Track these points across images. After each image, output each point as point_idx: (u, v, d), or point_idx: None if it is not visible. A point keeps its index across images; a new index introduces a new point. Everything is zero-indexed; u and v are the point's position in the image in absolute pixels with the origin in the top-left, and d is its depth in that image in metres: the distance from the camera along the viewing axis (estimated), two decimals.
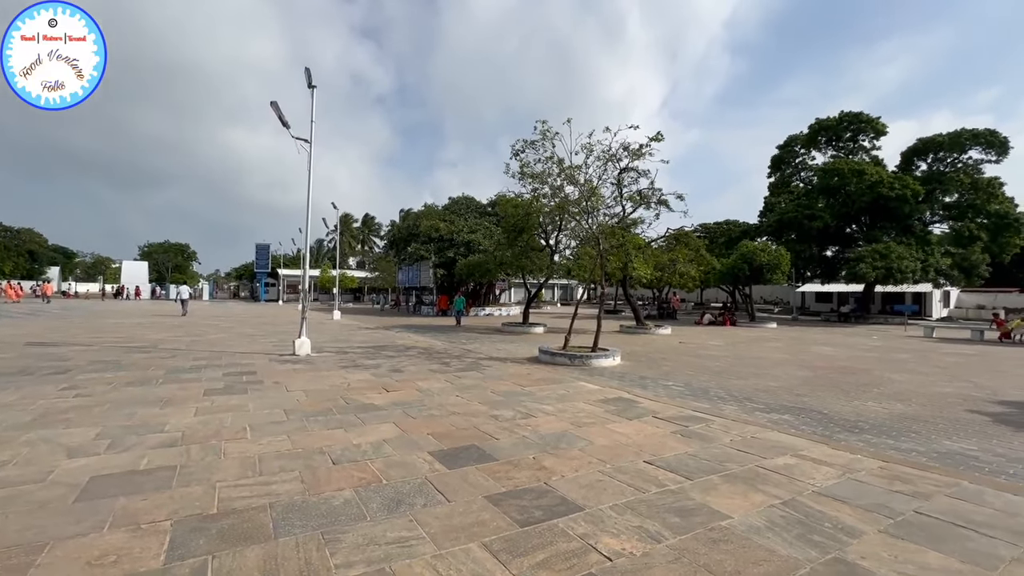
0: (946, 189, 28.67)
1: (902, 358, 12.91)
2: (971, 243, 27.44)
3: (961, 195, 28.62)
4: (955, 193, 28.74)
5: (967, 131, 28.61)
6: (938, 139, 29.59)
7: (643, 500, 3.53)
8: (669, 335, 18.78)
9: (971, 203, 28.21)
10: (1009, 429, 6.02)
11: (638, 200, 16.70)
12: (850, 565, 2.72)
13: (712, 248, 30.07)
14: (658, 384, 8.53)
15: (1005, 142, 27.82)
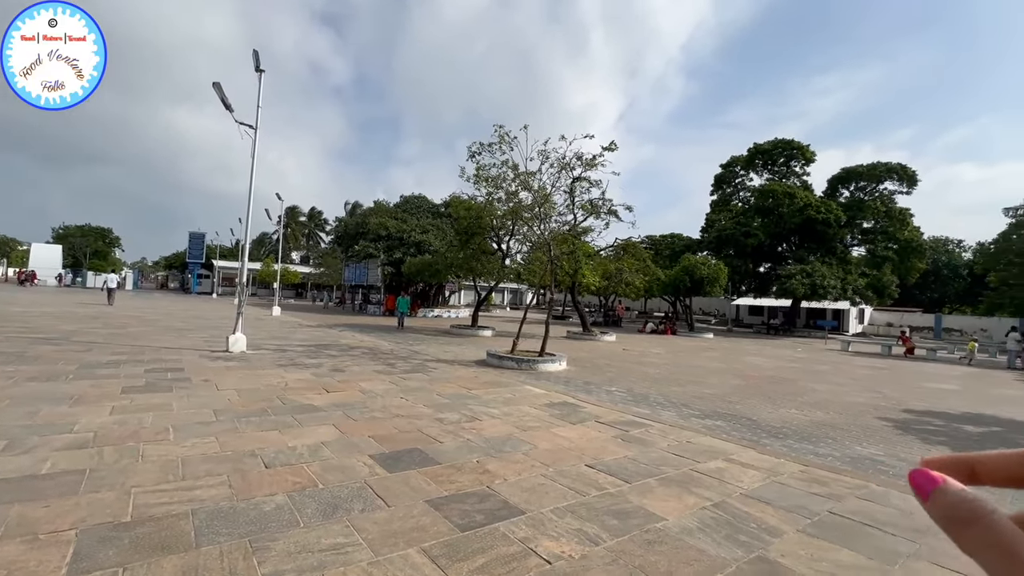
0: (864, 215, 31.37)
1: (822, 369, 13.95)
2: (883, 265, 30.17)
3: (876, 222, 31.41)
4: (872, 219, 31.50)
5: (882, 164, 31.48)
6: (859, 169, 32.35)
7: (583, 503, 3.59)
8: (614, 342, 19.32)
9: (884, 229, 31.02)
10: (911, 436, 6.64)
11: (589, 209, 17.13)
12: (771, 563, 2.89)
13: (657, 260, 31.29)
14: (602, 389, 8.74)
15: (914, 176, 30.84)
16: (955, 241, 46.58)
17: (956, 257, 44.04)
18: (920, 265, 31.59)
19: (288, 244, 67.48)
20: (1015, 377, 14.96)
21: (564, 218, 17.49)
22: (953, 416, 8.18)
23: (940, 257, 42.15)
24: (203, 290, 51.22)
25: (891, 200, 31.40)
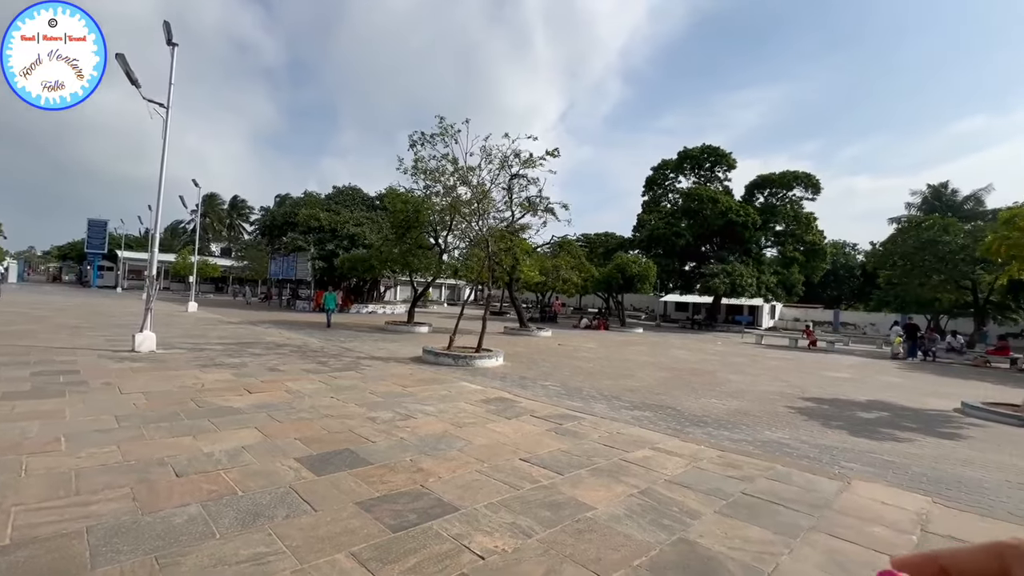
0: (776, 219, 34.12)
1: (738, 361, 15.04)
2: (792, 266, 33.01)
3: (787, 225, 34.26)
4: (783, 223, 34.32)
5: (792, 172, 34.35)
6: (772, 177, 35.10)
7: (517, 497, 3.63)
8: (550, 337, 19.71)
9: (793, 232, 33.91)
10: (813, 421, 7.32)
11: (527, 206, 17.31)
12: (691, 543, 3.08)
13: (592, 257, 32.30)
14: (537, 384, 8.89)
15: (818, 184, 33.92)
16: (851, 244, 51.89)
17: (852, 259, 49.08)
18: (823, 265, 34.88)
19: (208, 235, 62.62)
20: (897, 366, 16.95)
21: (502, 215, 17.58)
22: (848, 403, 9.12)
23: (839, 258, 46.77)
24: (105, 284, 46.43)
25: (799, 206, 34.36)
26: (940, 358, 19.68)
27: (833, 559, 3.00)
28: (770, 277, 31.14)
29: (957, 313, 25.25)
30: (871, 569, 2.91)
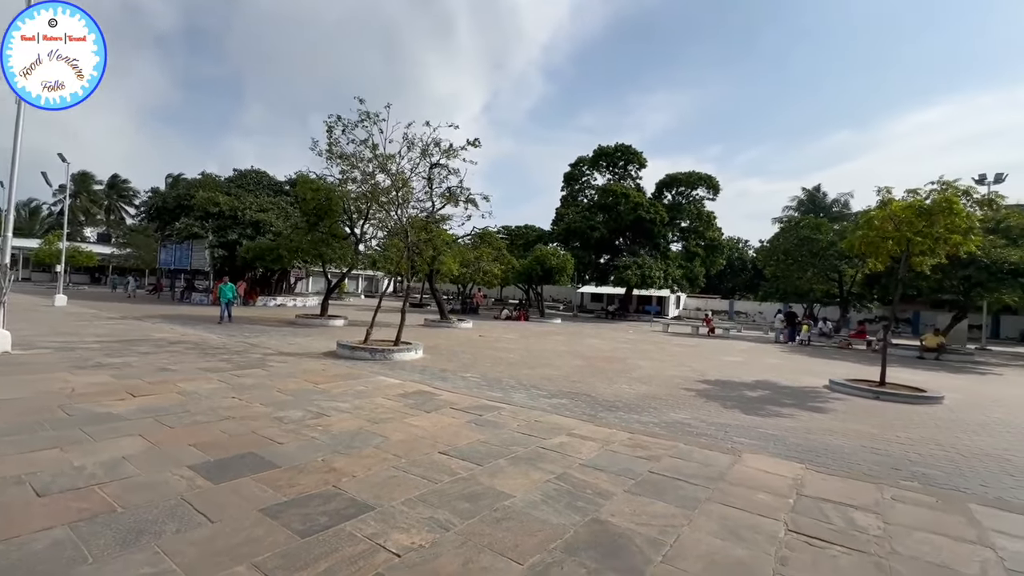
0: (682, 216, 36.76)
1: (647, 349, 16.07)
2: (695, 259, 35.80)
3: (691, 222, 37.04)
4: (687, 220, 37.05)
5: (696, 173, 37.16)
6: (679, 176, 37.72)
7: (435, 491, 3.59)
8: (471, 329, 19.71)
9: (696, 229, 36.75)
10: (712, 402, 8.01)
11: (448, 197, 17.09)
12: (603, 523, 3.24)
13: (512, 249, 32.67)
14: (457, 376, 8.85)
15: (718, 185, 37.02)
16: (744, 241, 57.41)
17: (744, 254, 54.30)
18: (721, 260, 38.23)
19: (81, 219, 54.83)
20: (780, 349, 19.07)
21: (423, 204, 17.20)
22: (739, 383, 10.09)
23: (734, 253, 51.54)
24: None
25: (702, 204, 37.29)
26: (813, 342, 22.42)
27: (725, 525, 3.31)
28: (676, 270, 33.52)
29: (827, 302, 28.87)
30: (756, 531, 3.25)
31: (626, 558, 2.81)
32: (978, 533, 3.45)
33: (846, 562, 2.93)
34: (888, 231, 9.77)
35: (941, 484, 4.57)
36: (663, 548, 2.94)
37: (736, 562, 2.84)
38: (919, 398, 8.86)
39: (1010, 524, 3.64)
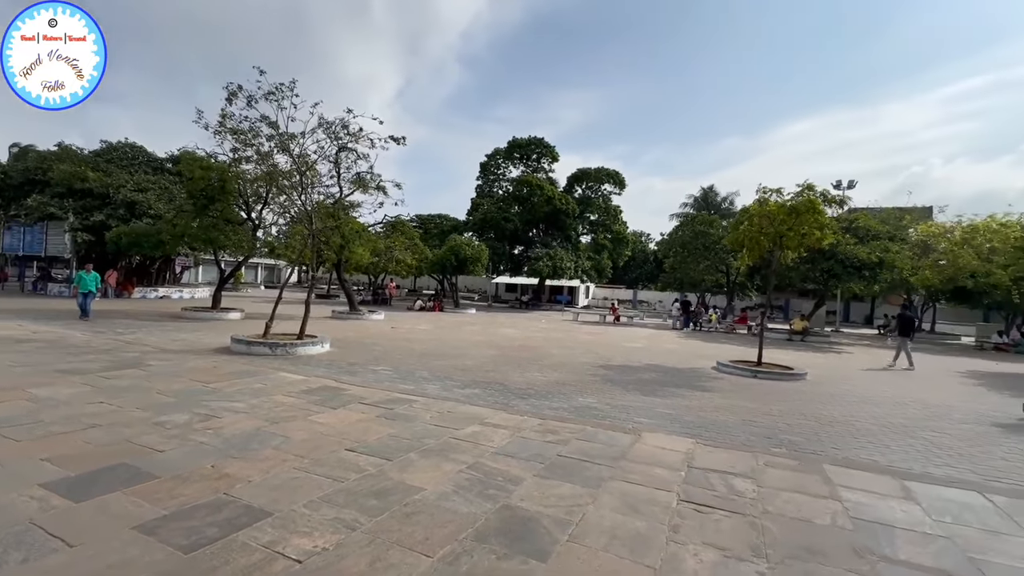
0: (591, 210, 38.41)
1: (559, 337, 16.65)
2: (603, 252, 37.65)
3: (599, 216, 38.83)
4: (596, 214, 38.80)
5: (604, 169, 38.96)
6: (589, 171, 39.30)
7: (341, 490, 3.44)
8: (382, 320, 19.10)
9: (604, 222, 38.62)
10: (616, 386, 8.49)
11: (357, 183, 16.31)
12: (513, 508, 3.31)
13: (426, 239, 32.08)
14: (367, 370, 8.54)
15: (624, 181, 39.13)
16: (647, 234, 61.46)
17: (647, 247, 58.15)
18: (626, 252, 40.60)
19: None
20: (677, 335, 20.75)
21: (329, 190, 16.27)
22: (641, 367, 10.82)
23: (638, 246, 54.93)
24: None
25: (609, 199, 39.22)
26: (705, 328, 24.66)
27: (626, 501, 3.54)
28: (585, 261, 35.03)
29: (716, 291, 31.89)
30: (652, 503, 3.51)
31: (534, 540, 2.89)
32: (830, 489, 4.02)
33: (727, 524, 3.27)
34: (764, 227, 10.97)
35: (803, 449, 5.26)
36: (569, 527, 3.07)
37: (635, 534, 3.05)
38: (788, 375, 10.10)
39: (854, 480, 4.28)
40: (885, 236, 22.23)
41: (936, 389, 9.95)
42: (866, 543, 3.10)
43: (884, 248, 20.66)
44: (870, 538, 3.17)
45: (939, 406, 8.08)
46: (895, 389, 9.63)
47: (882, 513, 3.59)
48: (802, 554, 2.92)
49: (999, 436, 6.29)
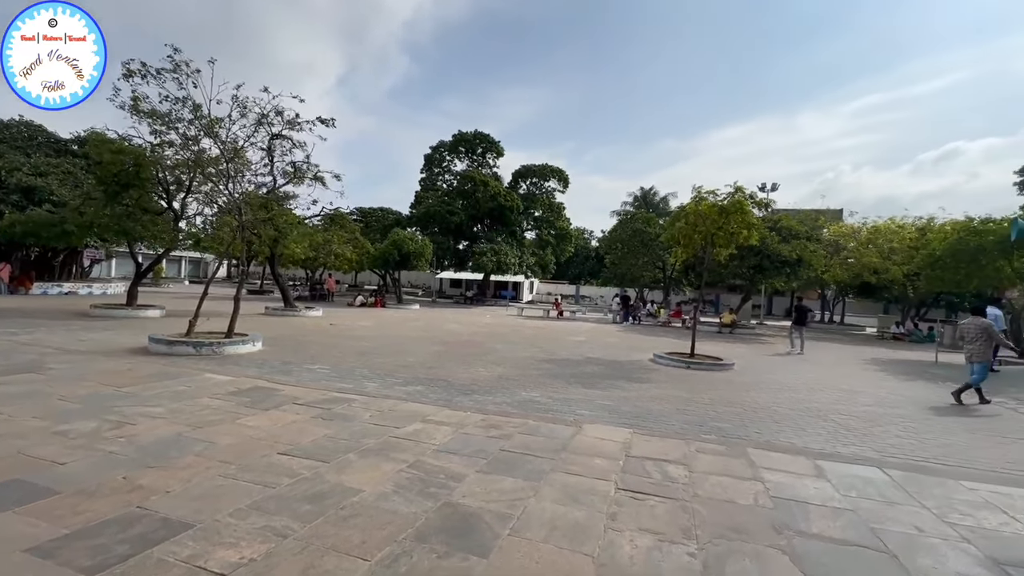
0: (535, 206, 38.82)
1: (503, 332, 16.73)
2: (547, 247, 38.20)
3: (543, 212, 39.33)
4: (540, 210, 39.26)
5: (548, 166, 39.48)
6: (533, 168, 39.67)
7: (272, 496, 3.26)
8: (320, 317, 18.35)
9: (548, 219, 39.17)
10: (557, 379, 8.64)
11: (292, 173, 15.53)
12: (454, 505, 3.28)
13: (368, 233, 31.15)
14: (303, 368, 8.17)
15: (568, 178, 39.85)
16: (589, 231, 63.01)
17: (589, 243, 59.63)
18: (569, 248, 41.40)
19: None
20: (617, 329, 21.45)
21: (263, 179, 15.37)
22: (583, 360, 11.08)
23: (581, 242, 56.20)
24: None
25: (553, 196, 39.80)
26: (643, 322, 25.67)
27: (566, 492, 3.60)
28: (530, 257, 35.41)
29: (653, 287, 33.27)
30: (592, 493, 3.61)
31: (476, 536, 2.88)
32: (753, 472, 4.30)
33: (661, 510, 3.42)
34: (698, 225, 11.57)
35: (730, 434, 5.60)
36: (511, 521, 3.09)
37: (574, 524, 3.11)
38: (718, 365, 10.72)
39: (774, 461, 4.61)
40: (803, 236, 24.10)
41: (845, 376, 10.93)
42: (784, 520, 3.34)
43: (803, 247, 22.39)
44: (787, 515, 3.43)
45: (847, 391, 8.88)
46: (809, 376, 10.47)
47: (798, 491, 3.89)
48: (728, 533, 3.10)
49: (895, 417, 7.00)
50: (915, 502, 3.79)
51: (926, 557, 2.94)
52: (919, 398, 8.55)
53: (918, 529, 3.32)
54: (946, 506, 3.74)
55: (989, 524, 3.46)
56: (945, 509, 3.67)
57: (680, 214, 12.98)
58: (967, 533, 3.28)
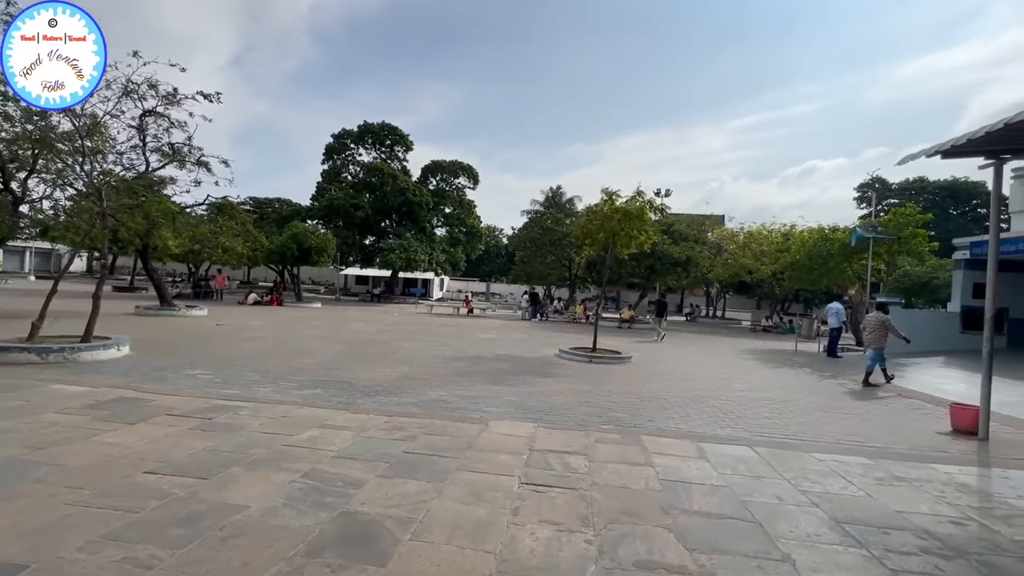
0: (445, 203, 38.43)
1: (412, 330, 16.35)
2: (457, 244, 38.00)
3: (454, 209, 39.06)
4: (451, 207, 38.95)
5: (458, 162, 39.27)
6: (443, 164, 39.21)
7: (136, 522, 2.86)
8: (205, 316, 16.59)
9: (458, 216, 38.98)
10: (464, 377, 8.62)
11: (170, 155, 13.89)
12: (352, 514, 3.12)
13: (263, 225, 28.78)
14: (181, 375, 7.31)
15: (477, 176, 39.93)
16: (500, 229, 63.76)
17: (499, 241, 60.36)
18: (479, 246, 41.56)
19: None
20: (525, 325, 21.95)
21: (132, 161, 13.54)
22: (491, 358, 11.18)
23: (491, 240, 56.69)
24: None
25: (463, 192, 39.67)
26: (551, 318, 26.54)
27: (471, 491, 3.59)
28: (440, 254, 35.00)
29: (560, 284, 34.54)
30: (496, 490, 3.63)
31: (374, 545, 2.76)
32: (645, 457, 4.61)
33: (562, 500, 3.53)
34: (603, 224, 12.21)
35: (626, 423, 5.97)
36: (412, 525, 3.00)
37: (477, 522, 3.11)
38: (617, 359, 11.39)
39: (663, 446, 4.99)
40: (692, 239, 26.46)
41: (725, 365, 12.17)
42: (671, 500, 3.62)
43: (691, 248, 24.58)
44: (673, 496, 3.72)
45: (726, 379, 9.89)
46: (695, 367, 11.52)
47: (683, 473, 4.24)
48: (622, 518, 3.29)
49: (764, 401, 7.93)
50: (777, 475, 4.31)
51: (784, 522, 3.35)
52: (783, 383, 9.77)
53: (779, 499, 3.77)
54: (801, 476, 4.29)
55: (832, 489, 4.03)
56: (800, 479, 4.22)
57: (590, 213, 13.62)
58: (816, 499, 3.80)
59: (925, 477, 4.46)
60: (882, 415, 7.26)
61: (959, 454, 5.40)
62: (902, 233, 16.58)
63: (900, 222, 16.85)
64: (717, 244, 29.32)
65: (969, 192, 47.46)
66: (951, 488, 4.21)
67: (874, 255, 16.18)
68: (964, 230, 34.61)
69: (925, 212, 18.19)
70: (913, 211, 17.38)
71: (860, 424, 6.62)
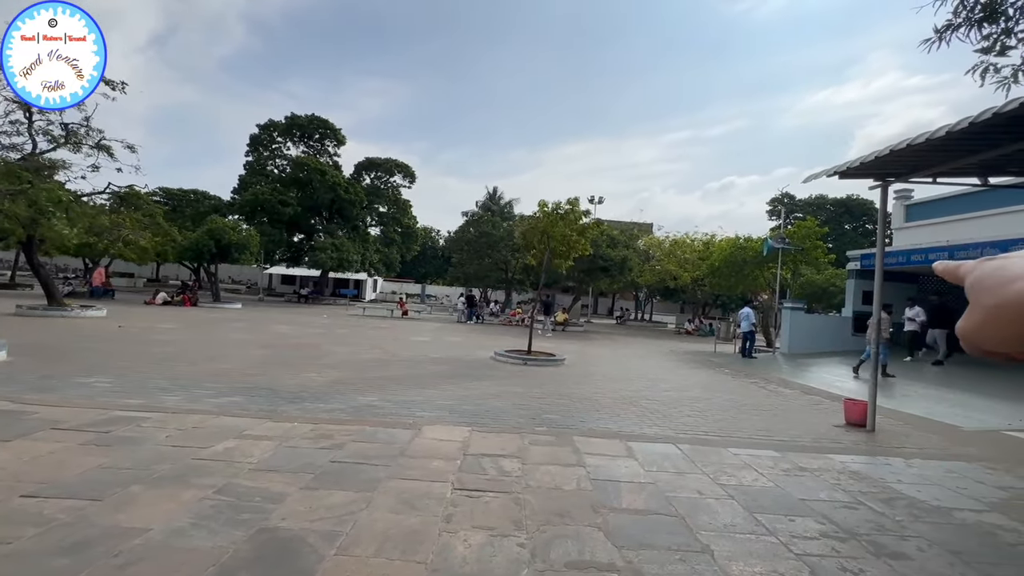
0: (380, 201, 37.39)
1: (342, 333, 15.70)
2: (392, 245, 37.04)
3: (389, 208, 38.07)
4: (385, 205, 37.93)
5: (393, 160, 38.36)
6: (378, 161, 38.12)
7: (7, 555, 2.49)
8: (104, 317, 14.95)
9: (394, 215, 38.04)
10: (397, 381, 8.39)
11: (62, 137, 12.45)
12: (272, 530, 2.91)
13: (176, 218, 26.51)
14: (72, 383, 6.52)
15: (414, 174, 39.21)
16: (437, 230, 62.96)
17: (436, 242, 59.60)
18: (415, 246, 40.77)
19: None
20: (463, 328, 21.80)
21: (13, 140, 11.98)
22: (426, 361, 10.97)
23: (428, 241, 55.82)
24: None
25: (399, 191, 38.77)
26: (487, 320, 26.54)
27: (402, 499, 3.48)
28: (374, 254, 33.95)
29: (497, 287, 34.68)
30: (428, 497, 3.54)
31: (296, 562, 2.59)
32: (577, 458, 4.71)
33: (496, 504, 3.51)
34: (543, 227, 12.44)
35: (559, 425, 6.07)
36: (338, 539, 2.86)
37: (408, 532, 3.01)
38: (551, 361, 11.59)
39: (594, 446, 5.12)
40: (623, 244, 27.56)
41: (652, 367, 12.77)
42: (601, 499, 3.72)
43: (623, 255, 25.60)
44: (603, 494, 3.82)
45: (652, 379, 10.37)
46: (624, 368, 11.99)
47: (612, 471, 4.37)
48: (554, 519, 3.33)
49: (687, 399, 8.39)
50: (698, 470, 4.56)
51: (704, 515, 3.54)
52: (703, 382, 10.41)
53: (699, 493, 3.99)
54: (719, 470, 4.57)
55: (746, 481, 4.33)
56: (718, 473, 4.49)
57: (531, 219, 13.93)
58: (732, 491, 4.06)
59: (824, 467, 4.91)
60: (788, 411, 7.94)
61: (851, 444, 6.00)
62: (804, 245, 18.29)
63: (802, 234, 18.57)
64: (646, 251, 30.78)
65: (861, 209, 53.35)
66: (845, 476, 4.67)
67: (782, 264, 17.71)
68: (856, 243, 38.84)
69: (823, 226, 20.19)
70: (812, 224, 19.23)
71: (770, 419, 7.18)
